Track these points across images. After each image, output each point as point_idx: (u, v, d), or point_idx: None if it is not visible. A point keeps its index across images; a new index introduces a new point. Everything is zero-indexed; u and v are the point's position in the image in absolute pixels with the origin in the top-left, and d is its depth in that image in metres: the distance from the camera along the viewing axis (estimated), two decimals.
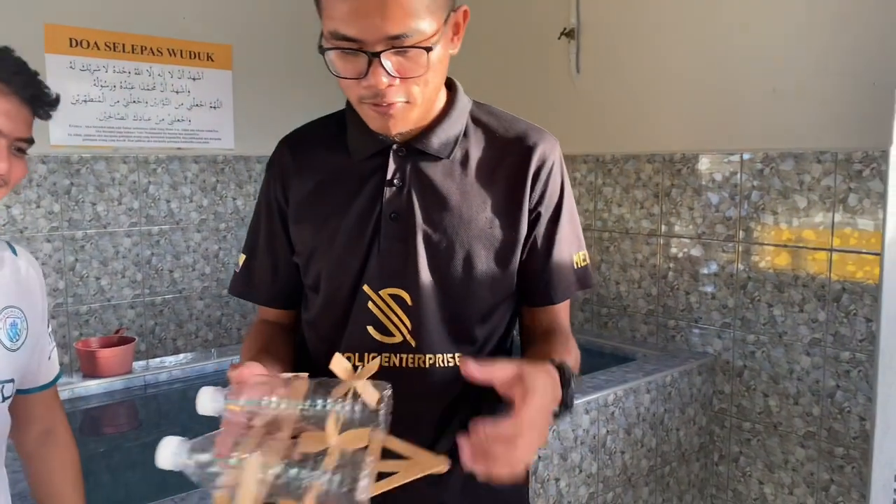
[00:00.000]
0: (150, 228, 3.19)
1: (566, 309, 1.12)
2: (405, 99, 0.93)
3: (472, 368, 0.82)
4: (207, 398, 0.81)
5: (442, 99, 1.06)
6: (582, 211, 3.06)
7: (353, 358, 1.04)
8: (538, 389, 0.81)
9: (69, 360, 2.95)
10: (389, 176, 1.03)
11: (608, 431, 2.27)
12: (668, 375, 2.48)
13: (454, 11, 0.96)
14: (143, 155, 3.15)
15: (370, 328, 1.03)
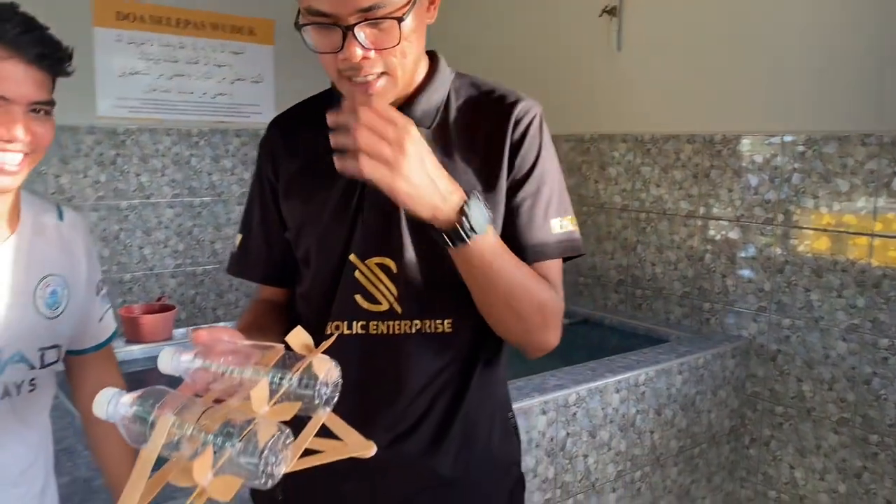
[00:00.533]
0: (191, 200, 3.26)
1: (551, 272, 1.07)
2: (382, 70, 0.94)
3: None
4: (168, 357, 0.82)
5: (423, 70, 1.07)
6: (619, 191, 3.04)
7: (341, 326, 1.06)
8: (416, 130, 0.88)
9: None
10: None
11: (638, 411, 2.28)
12: (700, 357, 2.47)
13: None
14: (186, 127, 3.22)
15: (358, 297, 1.05)
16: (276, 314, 1.16)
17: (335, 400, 0.82)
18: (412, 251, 1.04)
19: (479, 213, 0.90)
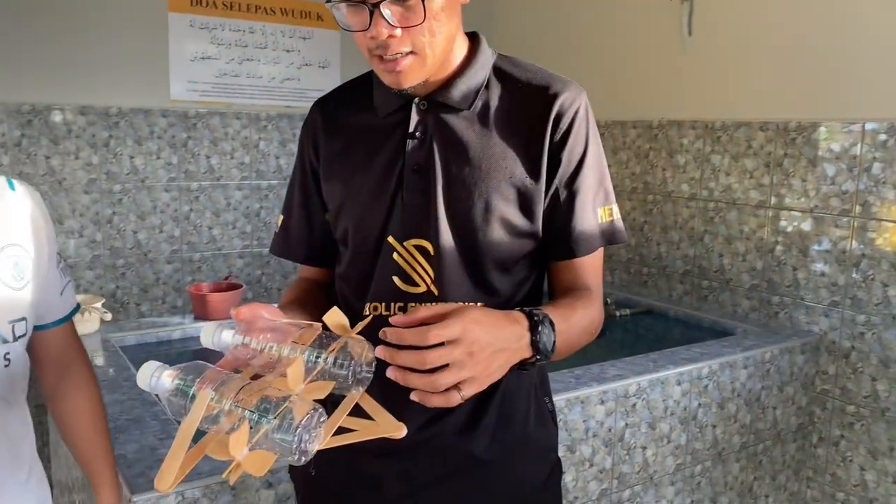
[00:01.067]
0: (259, 182, 3.33)
1: (593, 268, 1.09)
2: (410, 49, 0.94)
3: (393, 318, 0.84)
4: (210, 331, 0.84)
5: (463, 52, 1.06)
6: (687, 179, 2.96)
7: (379, 307, 1.06)
8: (468, 314, 0.83)
9: (182, 303, 3.15)
10: (412, 129, 1.05)
11: (700, 404, 2.23)
12: (767, 352, 2.39)
13: None
14: (254, 112, 3.28)
15: (395, 278, 1.05)
16: (316, 293, 1.17)
17: (369, 380, 0.83)
18: (448, 233, 1.04)
19: (547, 336, 0.91)
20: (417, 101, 1.06)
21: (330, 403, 0.83)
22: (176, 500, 1.41)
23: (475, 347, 0.81)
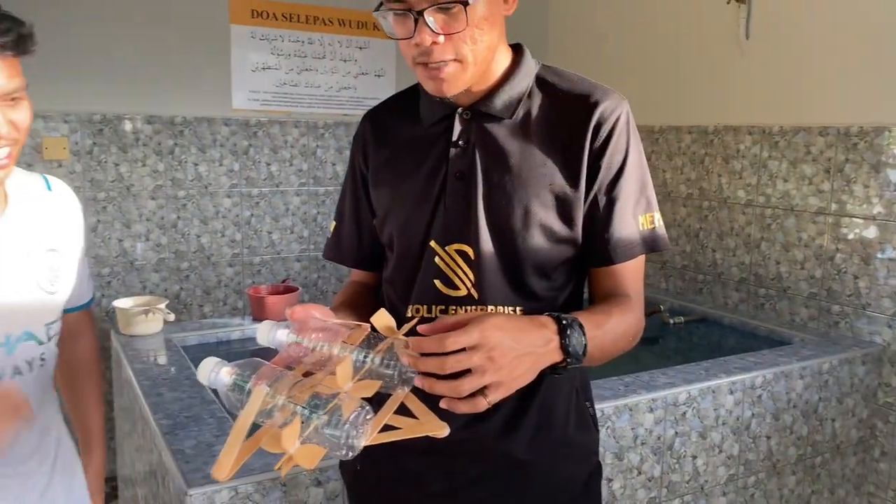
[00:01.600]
0: (316, 189, 3.42)
1: (633, 275, 1.10)
2: (453, 57, 0.97)
3: (420, 328, 0.86)
4: (266, 330, 0.88)
5: (506, 62, 1.09)
6: (744, 185, 2.91)
7: (422, 310, 1.10)
8: (488, 320, 0.85)
9: (242, 304, 3.25)
10: (455, 138, 1.08)
11: (753, 414, 2.19)
12: (825, 362, 2.33)
13: None
14: (312, 120, 3.37)
15: (437, 282, 1.09)
16: (366, 295, 1.22)
17: (414, 380, 0.86)
18: (489, 239, 1.06)
19: (577, 339, 0.93)
20: (461, 110, 1.09)
21: (376, 402, 0.86)
22: (229, 495, 1.47)
23: (495, 352, 0.84)
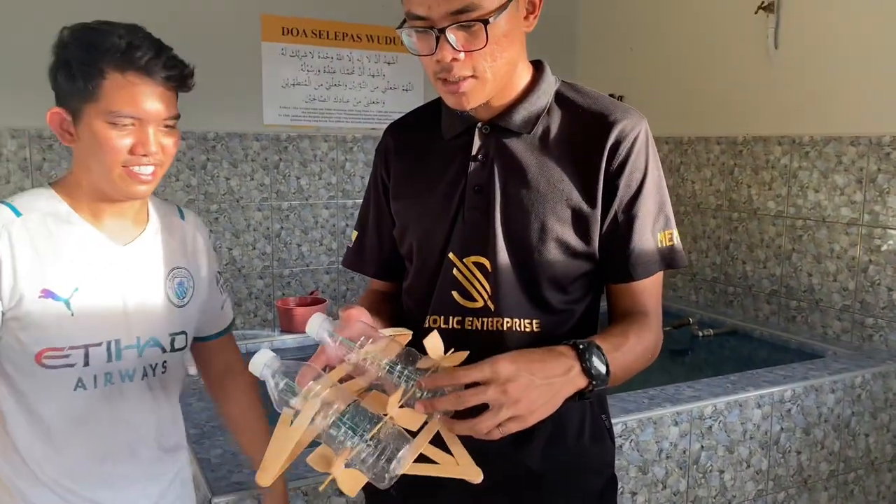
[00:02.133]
0: (345, 202, 3.46)
1: (651, 292, 1.10)
2: (471, 73, 0.99)
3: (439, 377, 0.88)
4: (317, 323, 0.90)
5: (526, 78, 1.10)
6: (774, 196, 2.88)
7: (439, 321, 1.11)
8: (497, 357, 0.86)
9: (272, 316, 3.30)
10: (474, 152, 1.10)
11: (783, 429, 2.16)
12: (858, 376, 2.29)
13: None
14: (341, 134, 3.42)
15: (455, 293, 1.10)
16: (386, 304, 1.24)
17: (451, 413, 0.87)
18: (505, 252, 1.07)
19: (598, 361, 0.94)
20: (480, 125, 1.11)
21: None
22: None
23: (510, 385, 0.85)
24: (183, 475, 1.32)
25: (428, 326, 1.11)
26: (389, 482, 0.83)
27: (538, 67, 1.13)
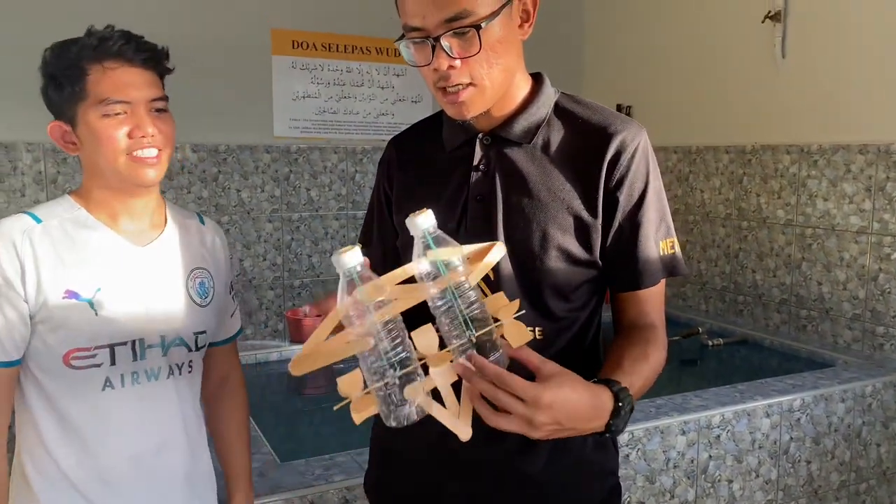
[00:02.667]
0: (355, 213, 3.48)
1: (656, 300, 1.11)
2: (469, 80, 1.00)
3: (514, 351, 0.89)
4: (426, 220, 0.89)
5: (525, 89, 1.11)
6: (783, 205, 2.87)
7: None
8: (554, 391, 0.86)
9: (282, 327, 3.32)
10: (476, 162, 1.11)
11: (792, 438, 2.15)
12: (868, 385, 2.28)
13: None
14: (351, 146, 3.45)
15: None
16: None
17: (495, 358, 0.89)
18: (507, 260, 1.08)
19: (622, 422, 0.93)
20: (481, 136, 1.13)
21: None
22: None
23: (539, 416, 0.85)
24: (208, 468, 1.34)
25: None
26: (395, 423, 0.85)
27: (537, 79, 1.15)
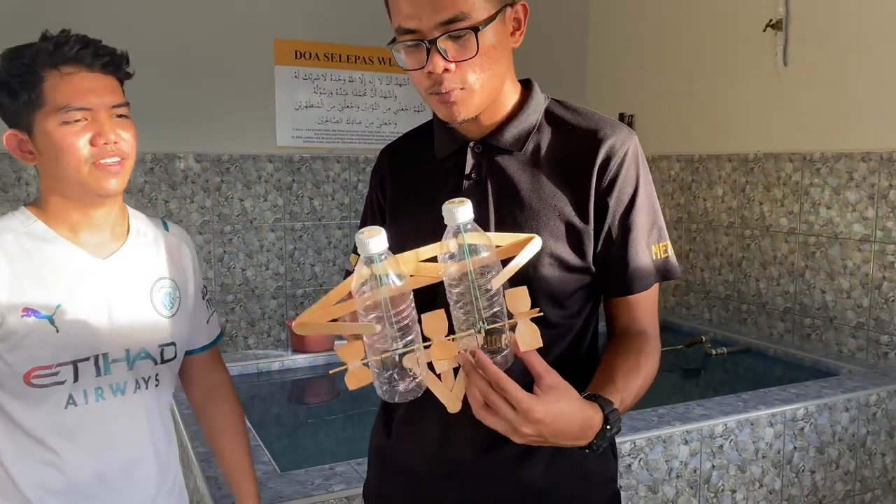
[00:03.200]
0: (357, 222, 3.48)
1: (649, 306, 1.11)
2: (461, 86, 1.00)
3: (523, 354, 0.89)
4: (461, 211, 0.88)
5: (515, 96, 1.11)
6: (786, 213, 2.87)
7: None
8: (548, 406, 0.86)
9: (285, 336, 3.32)
10: (467, 171, 1.10)
11: (795, 448, 2.13)
12: (873, 394, 2.26)
13: (511, 6, 1.02)
14: (354, 155, 3.46)
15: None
16: None
17: (497, 361, 0.89)
18: None
19: (604, 442, 0.93)
20: (472, 144, 1.12)
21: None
22: None
23: (526, 429, 0.85)
24: (179, 484, 1.32)
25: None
26: (388, 398, 0.85)
27: (527, 86, 1.15)
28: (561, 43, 3.80)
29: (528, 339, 0.89)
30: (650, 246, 1.10)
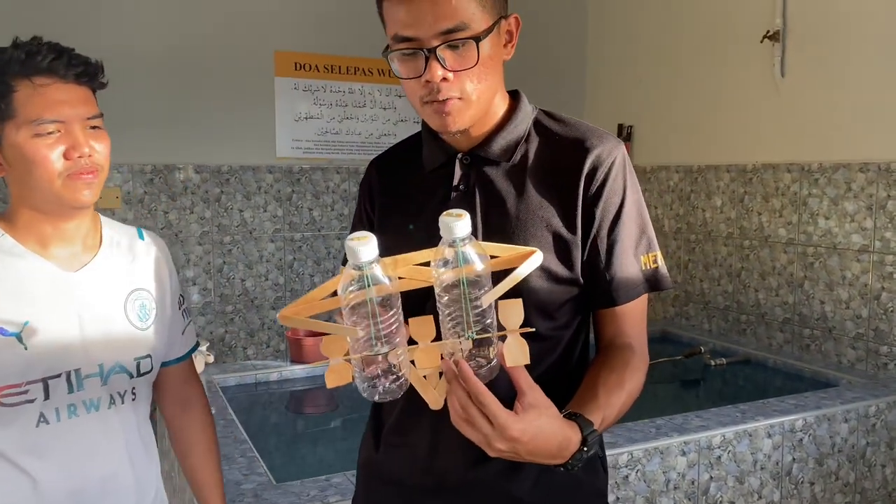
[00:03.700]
0: None
1: (636, 318, 1.10)
2: (458, 95, 1.00)
3: (510, 369, 0.89)
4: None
5: (503, 107, 1.11)
6: (784, 224, 2.87)
7: None
8: (527, 424, 0.86)
9: (284, 347, 3.32)
10: (456, 182, 1.10)
11: (794, 459, 2.12)
12: (872, 405, 2.25)
13: (505, 18, 1.02)
14: (353, 166, 3.47)
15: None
16: None
17: (480, 372, 0.89)
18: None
19: (578, 463, 0.93)
20: (461, 155, 1.12)
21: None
22: None
23: (501, 445, 0.86)
24: (161, 498, 1.29)
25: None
26: (367, 396, 0.86)
27: (515, 97, 1.15)
28: (560, 54, 3.82)
29: (515, 354, 0.88)
30: (639, 256, 1.09)
